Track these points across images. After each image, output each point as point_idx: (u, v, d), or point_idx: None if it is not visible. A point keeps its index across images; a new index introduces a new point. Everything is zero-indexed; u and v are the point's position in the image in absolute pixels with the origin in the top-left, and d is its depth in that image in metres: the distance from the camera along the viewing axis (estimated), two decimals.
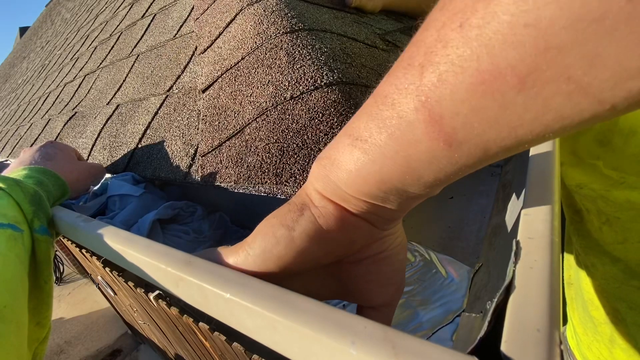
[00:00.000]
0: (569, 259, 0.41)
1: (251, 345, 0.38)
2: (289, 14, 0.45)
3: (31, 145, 1.05)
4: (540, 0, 0.09)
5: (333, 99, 0.33)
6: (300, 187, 0.29)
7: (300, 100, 0.35)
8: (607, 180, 0.28)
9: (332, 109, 0.32)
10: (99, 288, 1.46)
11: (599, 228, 0.30)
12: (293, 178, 0.31)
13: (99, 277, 1.13)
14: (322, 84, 0.34)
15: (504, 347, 0.12)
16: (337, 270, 0.21)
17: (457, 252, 0.37)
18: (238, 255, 0.19)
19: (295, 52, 0.39)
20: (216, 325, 0.45)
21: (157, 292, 0.55)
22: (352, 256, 0.20)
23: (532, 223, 0.17)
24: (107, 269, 0.75)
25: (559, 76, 0.10)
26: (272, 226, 0.19)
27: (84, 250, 0.89)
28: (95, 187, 0.49)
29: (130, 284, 0.65)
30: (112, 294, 1.24)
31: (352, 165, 0.16)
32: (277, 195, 0.32)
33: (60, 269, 2.54)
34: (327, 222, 0.18)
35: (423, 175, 0.15)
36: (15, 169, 0.39)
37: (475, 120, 0.12)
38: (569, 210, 0.36)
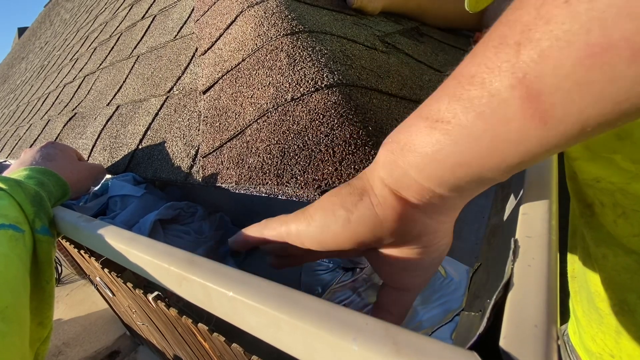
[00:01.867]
0: (573, 253, 0.41)
1: (250, 346, 0.39)
2: (289, 16, 0.45)
3: (31, 146, 1.05)
4: None
5: (333, 101, 0.33)
6: (301, 188, 0.30)
7: (300, 101, 0.35)
8: (625, 173, 0.28)
9: (333, 111, 0.33)
10: (98, 289, 1.45)
11: (613, 221, 0.30)
12: (294, 179, 0.31)
13: (98, 278, 1.13)
14: (323, 85, 0.35)
15: (502, 343, 0.12)
16: (377, 247, 0.21)
17: (456, 252, 0.38)
18: (300, 222, 0.21)
19: (295, 54, 0.40)
20: (215, 326, 0.45)
21: (156, 293, 0.55)
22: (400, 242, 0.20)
23: (531, 222, 0.18)
24: (106, 270, 0.75)
25: None
26: (332, 204, 0.19)
27: (82, 251, 0.89)
28: (96, 188, 0.49)
29: (129, 284, 0.65)
30: (110, 295, 1.23)
31: (429, 147, 0.16)
32: (278, 196, 0.32)
33: (58, 270, 2.53)
34: (385, 213, 0.18)
35: (507, 157, 0.14)
36: (16, 170, 0.39)
37: (578, 96, 0.11)
38: (580, 205, 0.36)
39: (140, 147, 0.56)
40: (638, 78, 0.10)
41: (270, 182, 0.32)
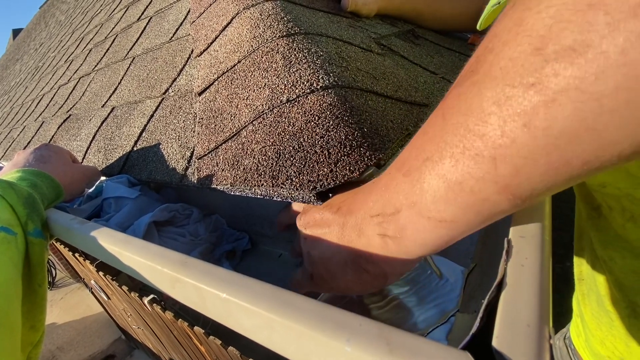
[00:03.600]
0: (580, 255, 0.41)
1: (246, 349, 0.38)
2: (285, 18, 0.45)
3: (24, 148, 1.04)
4: (596, 110, 0.12)
5: (329, 102, 0.33)
6: (297, 189, 0.30)
7: (296, 103, 0.35)
8: (633, 179, 0.28)
9: (328, 112, 0.33)
10: (92, 292, 1.44)
11: (622, 225, 0.31)
12: (290, 180, 0.31)
13: (93, 282, 1.12)
14: (318, 87, 0.35)
15: (495, 342, 0.12)
16: None
17: (452, 253, 0.38)
18: (327, 286, 0.26)
19: (291, 55, 0.40)
20: (211, 330, 0.45)
21: (151, 296, 0.55)
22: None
23: (524, 223, 0.18)
24: (101, 273, 0.74)
25: (613, 156, 0.13)
26: (367, 286, 0.24)
27: (77, 254, 0.88)
28: (90, 190, 0.49)
29: (125, 288, 0.64)
30: (105, 298, 1.22)
31: (440, 240, 0.18)
32: (273, 197, 0.32)
33: (52, 274, 2.50)
34: (402, 275, 0.23)
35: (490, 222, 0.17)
36: (9, 172, 0.39)
37: (546, 190, 0.15)
38: (587, 207, 0.36)
39: (135, 148, 0.56)
40: (588, 174, 0.14)
41: (265, 184, 0.32)
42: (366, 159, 0.29)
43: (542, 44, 0.13)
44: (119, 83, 0.79)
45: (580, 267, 0.42)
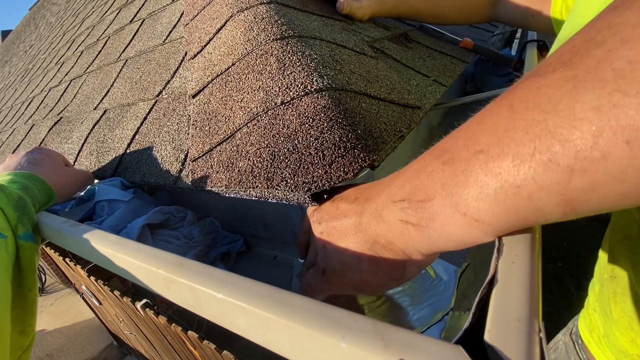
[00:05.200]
0: (618, 253, 0.41)
1: (241, 353, 0.38)
2: (279, 21, 0.46)
3: (14, 151, 1.03)
4: None
5: (323, 105, 0.34)
6: (292, 190, 0.30)
7: (290, 105, 0.35)
8: None
9: (322, 114, 0.33)
10: (83, 298, 1.41)
11: None
12: (284, 182, 0.31)
13: (84, 287, 1.10)
14: (312, 89, 0.35)
15: (487, 337, 0.12)
16: None
17: (445, 253, 0.38)
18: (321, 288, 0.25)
19: (285, 58, 0.40)
20: (206, 334, 0.45)
21: (144, 300, 0.54)
22: None
23: None
24: (92, 278, 0.73)
25: None
26: (382, 277, 0.22)
27: (67, 259, 0.86)
28: (82, 193, 0.48)
29: (117, 292, 0.63)
30: (97, 304, 1.20)
31: (468, 240, 0.17)
32: (268, 199, 0.32)
33: (42, 279, 2.45)
34: (417, 272, 0.23)
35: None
36: (0, 174, 0.38)
37: (608, 209, 0.13)
38: (636, 208, 0.36)
39: (128, 151, 0.55)
40: None
41: (260, 186, 0.32)
42: (360, 160, 0.29)
43: None
44: (112, 85, 0.78)
45: (614, 265, 0.41)
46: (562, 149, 0.13)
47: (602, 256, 0.45)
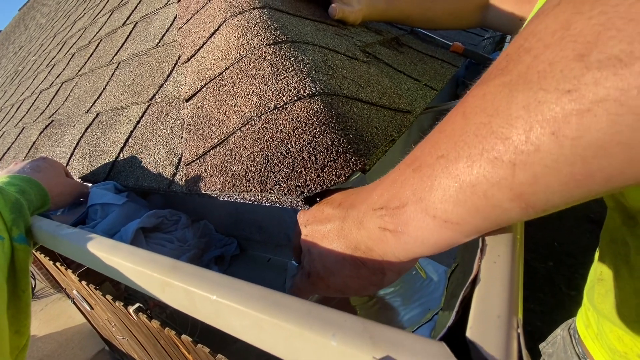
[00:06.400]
0: (604, 257, 0.43)
1: (235, 356, 0.38)
2: (272, 26, 0.46)
3: (4, 154, 1.01)
4: (634, 125, 0.11)
5: (315, 109, 0.34)
6: (285, 194, 0.30)
7: (284, 110, 0.36)
8: None
9: (315, 119, 0.34)
10: (74, 303, 1.39)
11: None
12: (277, 185, 0.31)
13: (75, 292, 1.08)
14: (305, 94, 0.36)
15: (469, 333, 0.13)
16: None
17: (435, 254, 0.39)
18: (333, 282, 0.25)
19: (278, 63, 0.40)
20: (199, 338, 0.45)
21: (137, 305, 0.54)
22: None
23: None
24: (84, 283, 0.73)
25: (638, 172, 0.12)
26: (362, 284, 0.23)
27: (58, 264, 0.85)
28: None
29: (109, 297, 0.63)
30: (88, 308, 1.19)
31: (442, 242, 0.18)
32: (262, 202, 0.33)
33: (32, 284, 2.41)
34: (396, 277, 0.23)
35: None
36: None
37: (561, 202, 0.14)
38: (621, 215, 0.36)
39: (121, 155, 0.55)
40: (607, 190, 0.13)
41: (254, 189, 0.33)
42: (352, 164, 0.30)
43: (587, 50, 0.12)
44: (104, 88, 0.78)
45: (601, 268, 0.43)
46: (504, 146, 0.14)
47: (595, 257, 0.47)
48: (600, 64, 0.12)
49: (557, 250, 1.87)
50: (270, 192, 0.31)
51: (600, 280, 0.43)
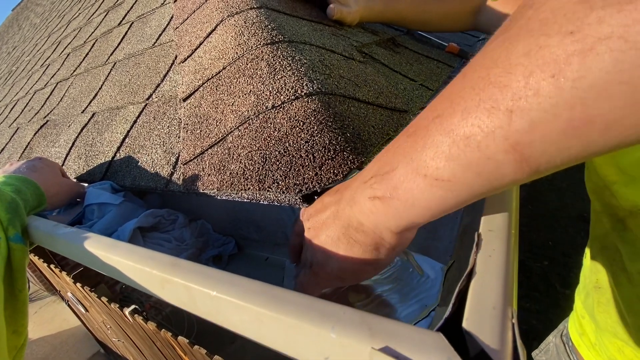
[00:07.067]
0: (597, 263, 0.41)
1: (232, 358, 0.39)
2: (269, 26, 0.47)
3: None
4: (637, 62, 0.11)
5: (313, 108, 0.35)
6: (283, 192, 0.31)
7: (281, 109, 0.36)
8: None
9: (313, 118, 0.34)
10: (69, 305, 1.38)
11: None
12: (276, 184, 0.32)
13: (69, 294, 1.08)
14: (303, 93, 0.36)
15: (465, 324, 0.13)
16: None
17: (432, 251, 0.40)
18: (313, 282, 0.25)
19: (276, 63, 0.41)
20: (196, 340, 0.45)
21: (132, 306, 0.54)
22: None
23: (493, 217, 0.19)
24: (79, 285, 0.72)
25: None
26: (358, 263, 0.22)
27: (52, 266, 0.85)
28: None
29: (104, 299, 0.63)
30: (83, 311, 1.18)
31: (432, 202, 0.17)
32: (260, 201, 0.33)
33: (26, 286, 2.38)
34: (393, 254, 0.22)
35: (495, 191, 0.16)
36: None
37: (559, 157, 0.14)
38: (611, 219, 0.36)
39: (117, 155, 0.55)
40: (606, 143, 0.13)
41: (252, 188, 0.33)
42: (349, 162, 0.30)
43: None
44: (100, 88, 0.77)
45: (597, 274, 0.42)
46: (501, 94, 0.14)
47: (586, 264, 0.46)
48: (604, 2, 0.11)
49: (552, 250, 1.89)
50: (268, 191, 0.31)
51: (598, 288, 0.42)
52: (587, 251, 0.45)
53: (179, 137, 0.47)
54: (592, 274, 0.43)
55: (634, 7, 0.11)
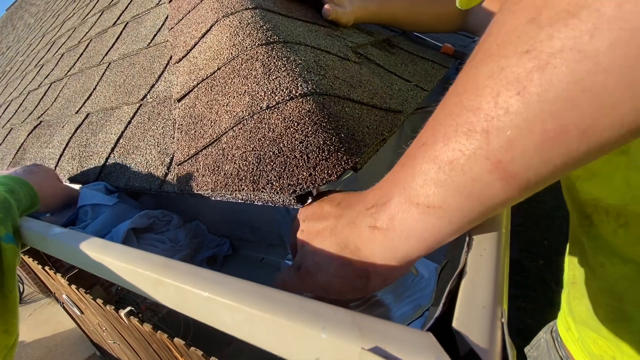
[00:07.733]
0: (573, 260, 0.43)
1: (228, 359, 0.38)
2: (264, 27, 0.47)
3: None
4: (592, 69, 0.11)
5: (307, 109, 0.35)
6: (277, 193, 0.31)
7: (276, 110, 0.36)
8: (623, 196, 0.28)
9: (307, 119, 0.34)
10: (64, 307, 1.37)
11: (613, 231, 0.31)
12: (270, 184, 0.32)
13: (64, 296, 1.07)
14: (297, 94, 0.36)
15: (455, 324, 0.13)
16: None
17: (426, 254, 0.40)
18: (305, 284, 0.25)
19: (270, 63, 0.41)
20: (192, 341, 0.45)
21: (128, 308, 0.54)
22: None
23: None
24: (74, 287, 0.72)
25: (614, 124, 0.12)
26: (347, 285, 0.22)
27: (47, 268, 0.84)
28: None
29: (99, 301, 0.62)
30: (78, 313, 1.17)
31: (427, 232, 0.18)
32: (254, 201, 0.33)
33: (20, 289, 2.36)
34: (386, 284, 0.22)
35: (491, 212, 0.17)
36: None
37: (544, 168, 0.14)
38: (579, 215, 0.37)
39: (112, 155, 0.55)
40: (588, 148, 0.13)
41: (246, 188, 0.33)
42: (343, 162, 0.30)
43: (537, 13, 0.13)
44: (94, 89, 0.77)
45: (574, 270, 0.43)
46: (475, 116, 0.15)
47: (565, 261, 0.47)
48: (550, 20, 0.12)
49: (547, 249, 1.90)
50: (262, 191, 0.31)
51: (574, 283, 0.43)
52: (567, 248, 0.46)
53: (173, 138, 0.46)
54: (570, 270, 0.45)
55: (577, 19, 0.12)
